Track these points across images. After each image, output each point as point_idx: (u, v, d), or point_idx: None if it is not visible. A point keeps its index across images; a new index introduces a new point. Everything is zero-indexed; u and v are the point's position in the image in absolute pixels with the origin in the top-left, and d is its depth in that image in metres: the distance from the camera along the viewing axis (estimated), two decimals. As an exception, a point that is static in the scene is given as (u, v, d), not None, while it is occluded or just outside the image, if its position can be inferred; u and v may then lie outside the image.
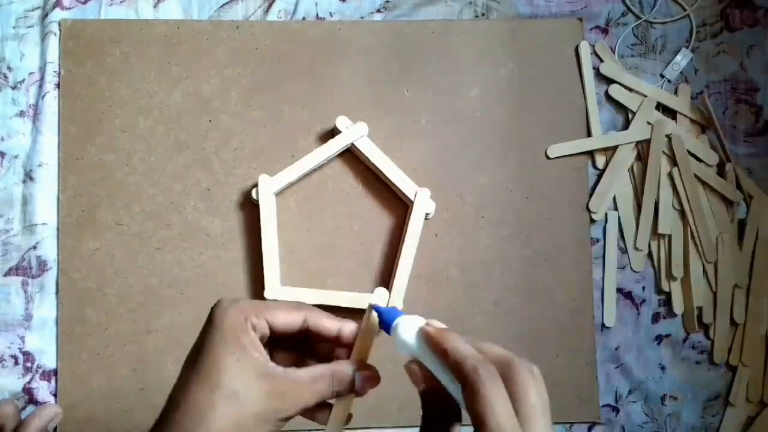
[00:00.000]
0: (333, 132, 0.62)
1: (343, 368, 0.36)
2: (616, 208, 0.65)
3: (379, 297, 0.57)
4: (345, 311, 0.60)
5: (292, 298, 0.58)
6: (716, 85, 0.67)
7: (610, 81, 0.66)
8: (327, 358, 0.38)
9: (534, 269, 0.64)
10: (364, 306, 0.59)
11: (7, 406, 0.45)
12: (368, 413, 0.61)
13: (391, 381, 0.62)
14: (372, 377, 0.37)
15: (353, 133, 0.60)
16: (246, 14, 0.65)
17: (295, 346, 0.38)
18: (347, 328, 0.37)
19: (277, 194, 0.61)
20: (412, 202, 0.60)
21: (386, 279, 0.62)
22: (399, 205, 0.63)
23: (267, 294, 0.58)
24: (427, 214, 0.61)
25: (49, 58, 0.62)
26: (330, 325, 0.37)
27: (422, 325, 0.35)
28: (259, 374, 0.34)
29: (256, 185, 0.60)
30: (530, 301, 0.63)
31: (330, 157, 0.61)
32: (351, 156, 0.63)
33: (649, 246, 0.65)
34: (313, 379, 0.35)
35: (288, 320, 0.36)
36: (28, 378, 0.61)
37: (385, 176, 0.61)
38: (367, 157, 0.61)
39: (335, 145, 0.61)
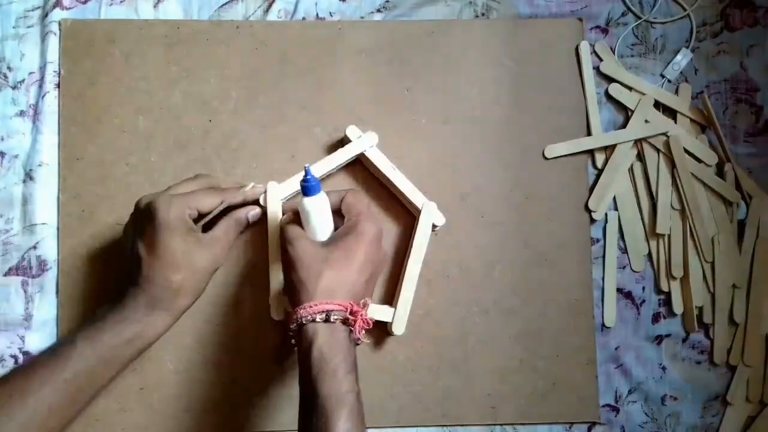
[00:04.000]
0: (342, 141, 0.61)
1: (240, 215, 0.57)
2: (616, 208, 0.65)
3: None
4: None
5: None
6: (716, 85, 0.67)
7: (610, 80, 0.66)
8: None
9: (534, 269, 0.64)
10: (371, 316, 0.59)
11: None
12: (368, 413, 0.61)
13: (391, 382, 0.62)
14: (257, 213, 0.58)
15: (364, 143, 0.60)
16: (246, 14, 0.65)
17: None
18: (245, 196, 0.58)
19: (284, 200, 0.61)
20: (419, 213, 0.60)
21: (392, 282, 0.62)
22: (404, 210, 0.63)
23: (271, 301, 0.58)
24: (435, 226, 0.60)
25: (49, 58, 0.62)
26: (239, 198, 0.57)
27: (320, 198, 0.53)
28: (198, 244, 0.53)
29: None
30: (530, 301, 0.63)
31: (339, 166, 0.60)
32: (354, 160, 0.62)
33: (649, 246, 0.65)
34: (225, 231, 0.55)
35: (211, 204, 0.55)
36: (28, 378, 0.60)
37: (394, 186, 0.60)
38: (376, 167, 0.60)
39: (345, 154, 0.60)
